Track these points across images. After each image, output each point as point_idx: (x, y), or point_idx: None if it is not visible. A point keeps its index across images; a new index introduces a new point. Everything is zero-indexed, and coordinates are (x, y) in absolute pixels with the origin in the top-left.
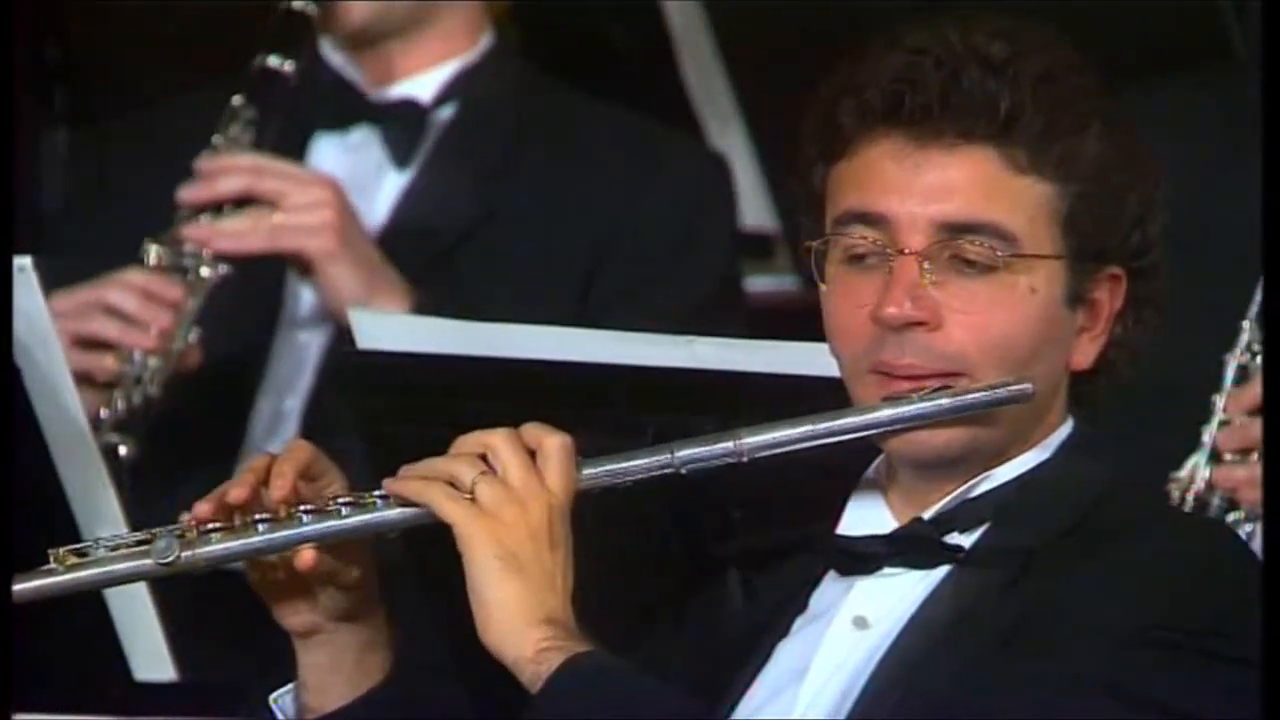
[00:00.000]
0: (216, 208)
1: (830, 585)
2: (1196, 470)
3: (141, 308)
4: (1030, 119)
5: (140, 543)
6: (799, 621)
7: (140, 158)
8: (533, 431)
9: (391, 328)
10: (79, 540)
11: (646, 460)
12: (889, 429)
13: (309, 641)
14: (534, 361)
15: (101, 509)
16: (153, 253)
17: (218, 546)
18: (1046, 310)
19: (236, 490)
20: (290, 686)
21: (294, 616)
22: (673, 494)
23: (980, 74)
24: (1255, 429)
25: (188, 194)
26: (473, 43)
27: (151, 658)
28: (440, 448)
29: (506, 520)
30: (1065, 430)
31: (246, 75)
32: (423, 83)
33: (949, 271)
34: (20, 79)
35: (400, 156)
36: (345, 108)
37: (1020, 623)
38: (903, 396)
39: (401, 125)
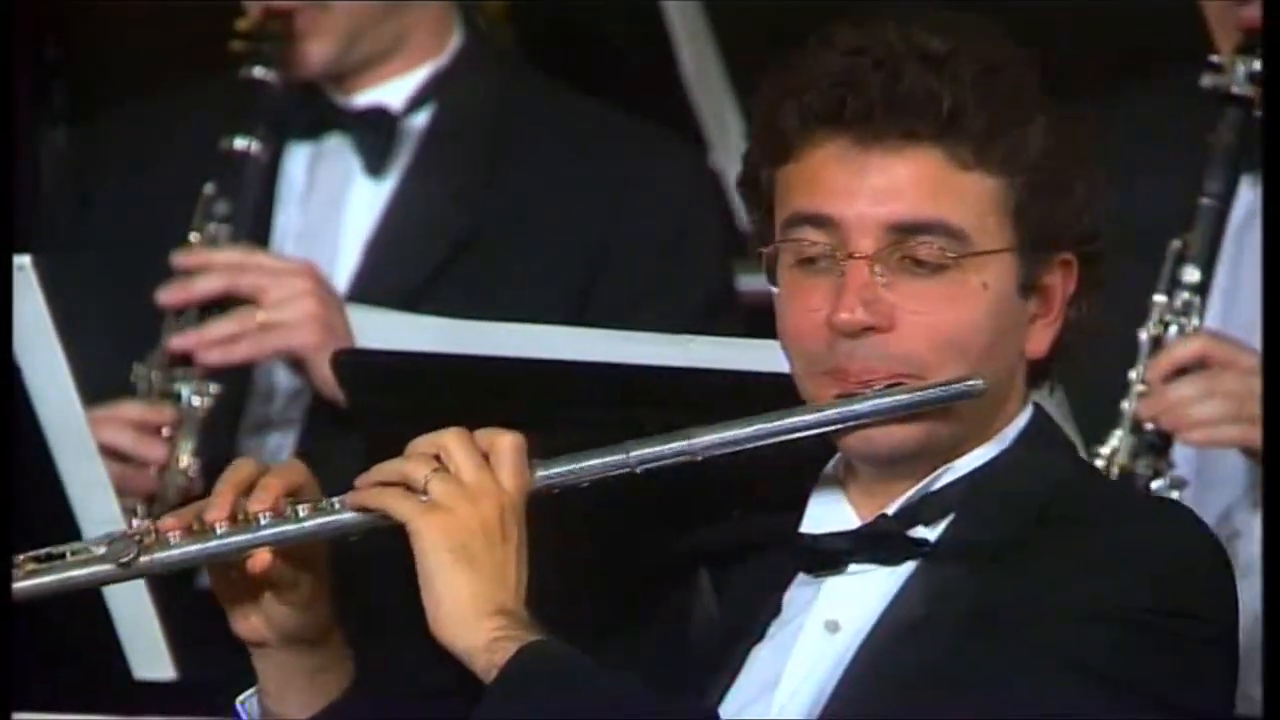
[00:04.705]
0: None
1: (800, 587)
2: (1120, 444)
3: (136, 443)
4: (973, 115)
5: (98, 547)
6: (773, 626)
7: (134, 152)
8: (485, 433)
9: (391, 327)
10: (79, 538)
11: (602, 460)
12: (841, 426)
13: (260, 653)
14: (532, 361)
15: (101, 507)
16: (143, 378)
17: (175, 550)
18: (999, 304)
19: (214, 513)
20: (255, 689)
21: (244, 624)
22: (648, 495)
23: (920, 72)
24: (1174, 391)
25: (167, 296)
26: (442, 45)
27: (151, 657)
28: None
29: (458, 514)
30: (1024, 417)
31: (215, 159)
32: (393, 89)
33: (900, 272)
34: (20, 78)
35: (374, 165)
36: (316, 116)
37: (988, 612)
38: (854, 394)
39: (374, 133)
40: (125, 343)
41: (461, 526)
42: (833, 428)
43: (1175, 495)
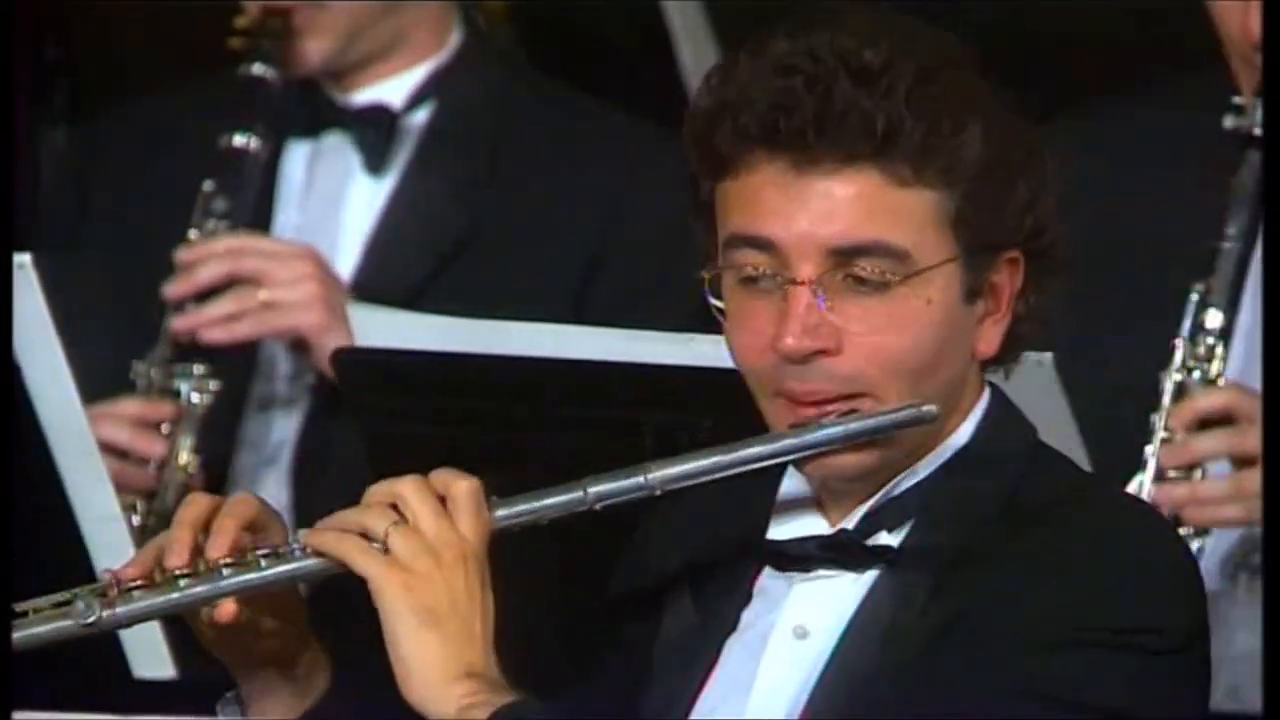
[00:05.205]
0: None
1: (770, 581)
2: (1141, 489)
3: (135, 439)
4: (910, 131)
5: (61, 604)
6: (746, 617)
7: (134, 152)
8: (442, 477)
9: (391, 325)
10: (79, 537)
11: (560, 498)
12: (795, 456)
13: (241, 673)
14: (533, 359)
15: (101, 504)
16: (142, 375)
17: (138, 604)
18: (945, 315)
19: (173, 558)
20: (235, 692)
21: (220, 652)
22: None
23: (854, 90)
24: (1197, 445)
25: (172, 290)
26: (441, 43)
27: (151, 656)
28: (440, 446)
29: (420, 572)
30: (980, 410)
31: (214, 157)
32: (393, 87)
33: (844, 293)
34: (20, 78)
35: (374, 163)
36: (315, 113)
37: (952, 624)
38: (807, 423)
39: (373, 131)
40: (125, 342)
41: (424, 586)
42: (788, 457)
43: (1197, 544)
